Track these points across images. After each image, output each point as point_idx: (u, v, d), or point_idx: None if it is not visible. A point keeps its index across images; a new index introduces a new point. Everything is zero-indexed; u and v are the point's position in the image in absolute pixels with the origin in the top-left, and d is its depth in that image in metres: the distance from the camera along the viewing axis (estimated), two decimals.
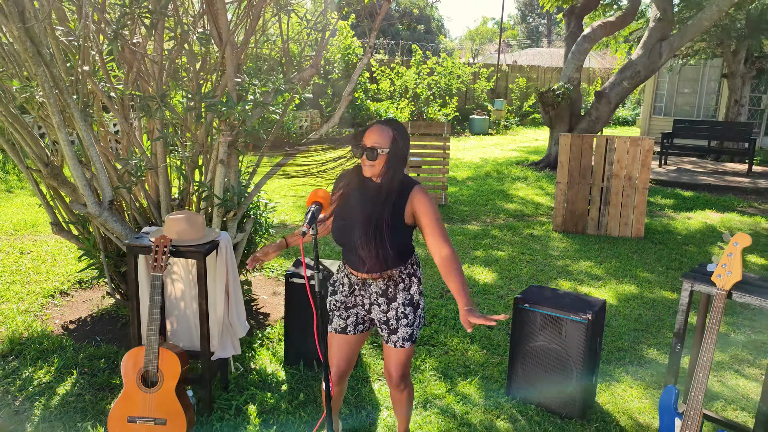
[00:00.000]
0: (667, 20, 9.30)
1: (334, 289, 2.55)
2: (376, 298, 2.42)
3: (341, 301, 2.50)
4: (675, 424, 2.45)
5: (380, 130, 2.26)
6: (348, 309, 2.50)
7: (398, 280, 2.40)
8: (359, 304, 2.48)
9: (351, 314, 2.50)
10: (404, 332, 2.41)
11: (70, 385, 3.30)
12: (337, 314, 2.52)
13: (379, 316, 2.44)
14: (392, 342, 2.43)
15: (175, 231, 2.91)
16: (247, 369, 3.52)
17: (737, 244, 2.37)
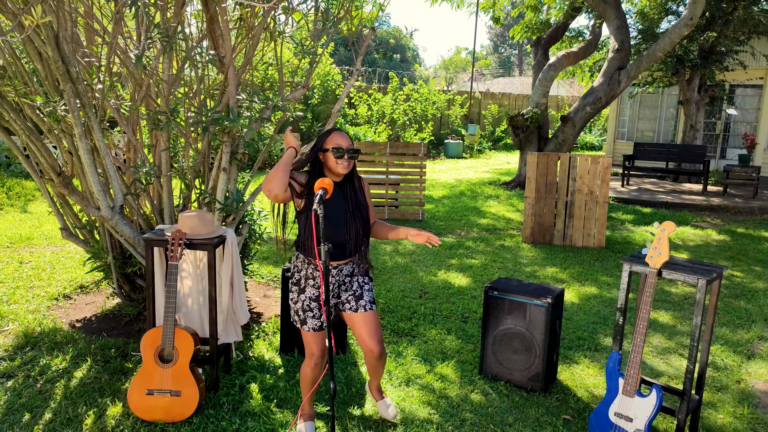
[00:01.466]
0: (624, 51, 10.07)
1: (300, 288, 2.80)
2: (343, 278, 2.83)
3: (314, 297, 2.77)
4: (618, 383, 2.91)
5: (343, 134, 2.74)
6: (320, 308, 2.78)
7: (359, 260, 2.84)
8: (331, 293, 2.79)
9: (323, 312, 2.78)
10: (368, 296, 2.86)
11: (85, 370, 3.63)
12: (311, 315, 2.78)
13: (347, 295, 2.84)
14: (362, 307, 2.83)
15: (188, 226, 3.31)
16: (246, 356, 3.89)
17: (665, 230, 2.88)
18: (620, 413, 2.87)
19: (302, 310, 2.81)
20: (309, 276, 2.80)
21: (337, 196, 2.76)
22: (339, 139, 2.69)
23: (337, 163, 2.68)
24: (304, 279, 2.81)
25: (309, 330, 2.82)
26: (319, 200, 2.32)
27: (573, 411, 3.34)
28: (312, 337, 2.84)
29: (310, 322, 2.80)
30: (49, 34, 3.16)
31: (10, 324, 4.30)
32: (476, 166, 15.47)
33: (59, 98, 3.72)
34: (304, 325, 2.82)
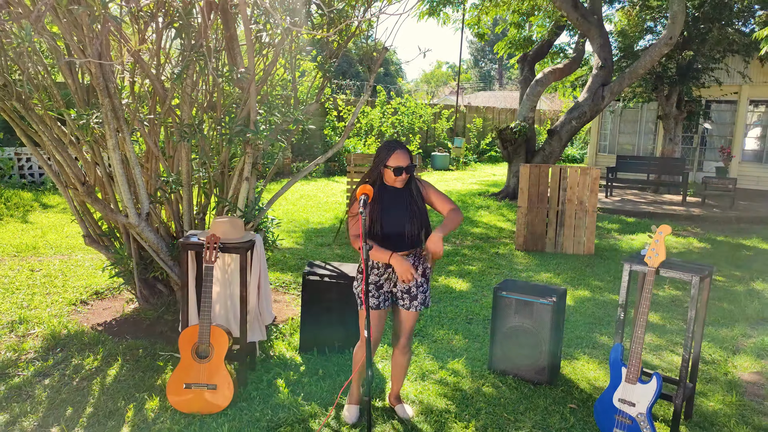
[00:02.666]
0: (607, 68, 10.54)
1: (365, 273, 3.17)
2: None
3: (374, 282, 3.12)
4: (621, 372, 3.20)
5: (403, 151, 3.04)
6: (379, 289, 3.12)
7: (419, 255, 3.14)
8: (390, 280, 3.12)
9: (381, 293, 3.13)
10: (421, 298, 3.13)
11: (117, 368, 3.82)
12: (371, 294, 3.10)
13: (403, 287, 3.11)
14: (413, 307, 3.12)
15: (221, 231, 3.54)
16: (267, 355, 4.11)
17: (662, 233, 3.20)
18: (624, 399, 3.16)
19: (364, 293, 3.09)
20: (374, 266, 3.13)
21: (396, 196, 3.07)
22: (400, 159, 2.99)
23: (395, 180, 3.02)
24: (369, 268, 3.13)
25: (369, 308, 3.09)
26: (363, 204, 2.59)
27: (577, 400, 3.62)
28: (372, 317, 3.10)
29: (371, 300, 3.10)
30: (94, 52, 3.39)
31: (36, 327, 4.46)
32: (463, 178, 15.84)
33: (92, 111, 3.94)
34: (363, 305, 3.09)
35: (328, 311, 4.14)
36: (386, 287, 3.15)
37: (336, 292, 4.11)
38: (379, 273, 3.13)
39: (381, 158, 3.04)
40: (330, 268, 4.26)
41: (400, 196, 3.08)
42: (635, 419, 3.10)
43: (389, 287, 3.16)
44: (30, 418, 3.21)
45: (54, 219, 8.64)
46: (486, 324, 4.87)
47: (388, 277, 3.13)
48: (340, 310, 4.13)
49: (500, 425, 3.30)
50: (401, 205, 3.07)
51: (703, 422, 3.38)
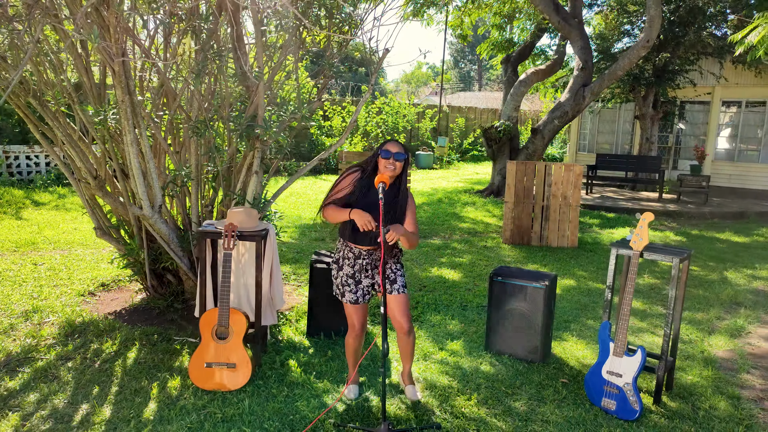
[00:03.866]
0: (588, 69, 10.93)
1: (339, 266, 3.31)
2: (374, 262, 3.30)
3: (349, 275, 3.28)
4: (609, 347, 3.51)
5: (397, 143, 3.23)
6: (357, 284, 3.29)
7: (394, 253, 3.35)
8: (365, 273, 3.28)
9: (359, 288, 3.29)
10: (400, 281, 3.33)
11: (136, 352, 4.02)
12: (348, 290, 3.29)
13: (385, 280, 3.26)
14: (395, 290, 3.29)
15: (237, 220, 3.77)
16: (277, 339, 4.35)
17: (645, 219, 3.51)
18: (612, 371, 3.47)
19: (341, 284, 3.33)
20: (345, 257, 3.32)
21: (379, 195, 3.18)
22: (389, 145, 3.20)
23: (385, 166, 3.15)
24: (342, 258, 3.34)
25: (348, 302, 3.33)
26: (382, 190, 2.85)
27: (568, 376, 3.93)
28: (352, 309, 3.33)
29: (347, 296, 3.32)
30: (118, 50, 3.60)
31: (50, 316, 4.63)
32: (448, 176, 16.18)
33: (110, 108, 4.13)
34: (343, 297, 3.33)
35: (334, 297, 4.38)
36: (365, 281, 3.31)
37: None
38: (350, 264, 3.28)
39: (376, 149, 3.24)
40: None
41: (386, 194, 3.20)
42: (622, 389, 3.41)
43: (368, 281, 3.31)
44: (59, 397, 3.40)
45: (47, 216, 8.73)
46: (479, 310, 5.16)
47: (360, 269, 3.27)
48: None
49: (499, 398, 3.58)
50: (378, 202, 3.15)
51: (682, 392, 3.71)
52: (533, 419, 3.34)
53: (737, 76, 14.06)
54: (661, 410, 3.48)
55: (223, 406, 3.35)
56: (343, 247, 3.34)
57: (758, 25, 5.68)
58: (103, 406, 3.32)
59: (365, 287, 3.34)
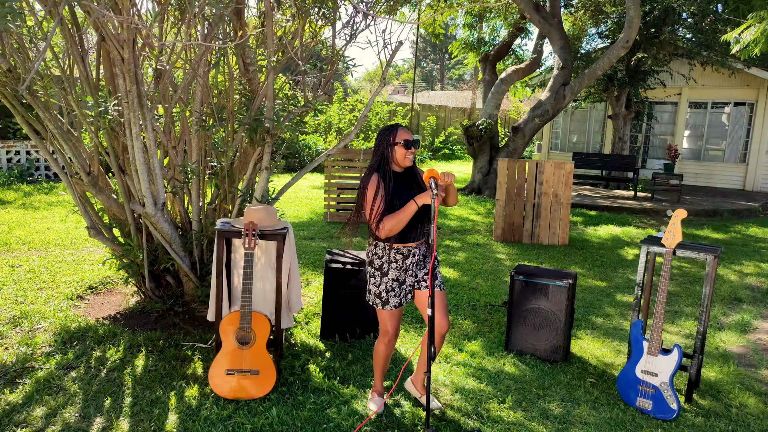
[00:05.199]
0: (567, 69, 11.03)
1: (382, 272, 3.08)
2: (420, 258, 3.15)
3: (395, 278, 3.07)
4: (643, 345, 3.47)
5: (406, 128, 3.07)
6: (401, 285, 3.10)
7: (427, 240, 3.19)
8: (409, 273, 3.11)
9: (403, 290, 3.12)
10: (440, 277, 3.20)
11: (143, 359, 3.77)
12: (393, 294, 3.08)
13: (422, 273, 3.15)
14: (437, 286, 3.15)
15: (257, 218, 3.57)
16: (290, 343, 4.15)
17: (678, 216, 3.48)
18: (647, 370, 3.42)
19: (386, 291, 3.11)
20: (392, 260, 3.10)
21: (402, 185, 3.08)
22: (403, 133, 3.03)
23: (406, 156, 3.01)
24: (387, 263, 3.10)
25: (390, 308, 3.12)
26: (435, 186, 2.71)
27: (593, 375, 3.88)
28: (390, 315, 3.14)
29: (392, 301, 3.12)
30: (129, 37, 3.34)
31: (41, 322, 4.31)
32: None
33: (113, 99, 3.86)
34: (386, 305, 3.11)
35: (349, 298, 4.22)
36: (408, 281, 3.14)
37: (357, 279, 4.20)
38: (398, 266, 3.09)
39: (385, 139, 3.02)
40: (349, 256, 4.35)
41: (407, 180, 3.09)
42: (658, 388, 3.37)
43: (411, 279, 3.15)
44: (69, 410, 3.14)
45: (15, 215, 8.24)
46: (489, 309, 5.07)
47: (406, 268, 3.11)
48: (360, 297, 4.22)
49: (531, 400, 3.50)
50: (409, 188, 3.07)
51: (710, 390, 3.70)
52: (571, 422, 3.27)
53: (704, 78, 14.49)
54: (695, 408, 3.46)
55: (251, 416, 3.15)
56: (387, 251, 3.09)
57: (751, 24, 5.81)
58: (119, 419, 3.07)
59: (407, 287, 3.17)
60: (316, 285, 5.50)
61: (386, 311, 3.15)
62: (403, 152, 3.01)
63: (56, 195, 9.93)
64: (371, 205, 2.99)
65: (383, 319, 3.18)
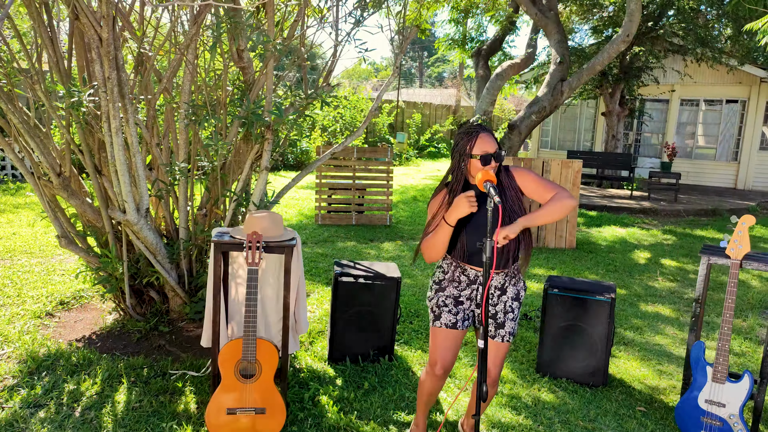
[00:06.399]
0: (565, 63, 10.64)
1: (440, 287, 2.61)
2: (493, 291, 2.58)
3: (452, 296, 2.58)
4: (707, 371, 3.04)
5: (490, 135, 2.45)
6: (458, 305, 2.58)
7: (512, 273, 2.60)
8: (471, 299, 2.60)
9: (460, 310, 2.58)
10: (510, 326, 2.59)
11: (125, 393, 3.21)
12: (447, 310, 2.57)
13: (488, 311, 2.58)
14: (499, 336, 2.58)
15: (260, 228, 3.04)
16: (295, 368, 3.63)
17: (745, 224, 3.05)
18: (712, 400, 2.99)
19: (437, 305, 2.60)
20: (454, 278, 2.59)
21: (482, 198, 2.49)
22: (486, 144, 2.41)
23: (487, 173, 2.37)
24: (448, 281, 2.60)
25: (441, 326, 2.57)
26: (496, 192, 2.21)
27: (641, 402, 3.44)
28: (442, 336, 2.57)
29: (444, 317, 2.57)
30: (108, 11, 2.79)
31: (4, 347, 3.72)
32: (410, 173, 15.66)
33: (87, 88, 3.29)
34: (437, 320, 2.59)
35: (362, 316, 3.72)
36: (467, 305, 2.63)
37: (371, 295, 3.71)
38: (460, 287, 2.59)
39: (461, 147, 2.43)
40: (361, 267, 3.84)
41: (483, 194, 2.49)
42: (726, 421, 2.94)
43: (470, 306, 2.63)
44: None
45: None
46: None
47: (470, 296, 2.61)
48: (374, 314, 3.73)
49: None
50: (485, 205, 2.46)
51: None
52: None
53: (696, 75, 14.26)
54: None
55: None
56: (454, 268, 2.59)
57: None
58: None
59: (466, 310, 2.62)
60: (316, 297, 4.98)
61: (436, 329, 2.60)
62: (480, 168, 2.41)
63: (23, 196, 9.21)
64: (428, 225, 2.53)
65: (434, 345, 2.62)
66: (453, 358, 2.62)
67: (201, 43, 3.99)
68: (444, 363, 2.60)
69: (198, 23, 3.35)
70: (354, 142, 16.53)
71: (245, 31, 3.80)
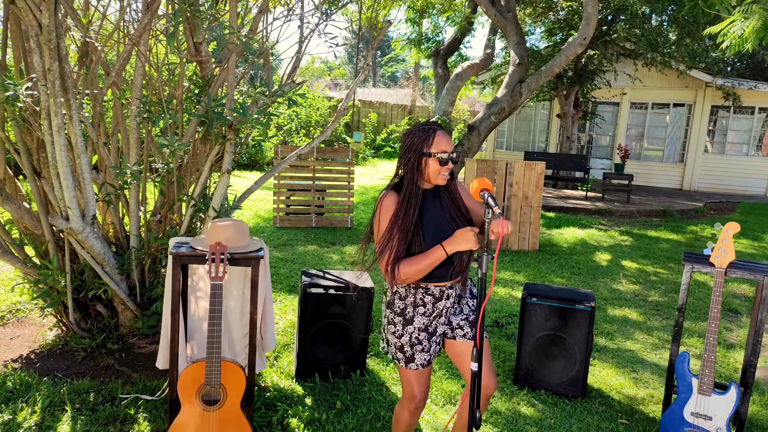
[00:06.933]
0: (524, 65, 10.66)
1: (405, 318, 2.35)
2: (456, 300, 2.43)
3: (423, 327, 2.35)
4: (692, 383, 2.95)
5: (446, 135, 2.28)
6: (430, 337, 2.37)
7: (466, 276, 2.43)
8: (441, 320, 2.40)
9: (432, 342, 2.38)
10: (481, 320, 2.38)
11: (68, 423, 2.87)
12: (420, 349, 2.34)
13: (458, 319, 2.42)
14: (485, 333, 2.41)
15: (224, 238, 2.77)
16: (260, 387, 3.37)
17: (729, 231, 2.98)
18: (698, 412, 2.91)
19: (410, 344, 2.35)
20: (418, 303, 2.35)
21: (432, 206, 2.34)
22: (444, 143, 2.24)
23: (440, 173, 2.26)
24: (412, 307, 2.35)
25: (417, 367, 2.36)
26: (494, 202, 2.02)
27: (622, 414, 3.34)
28: (417, 376, 2.37)
29: (418, 357, 2.35)
30: None
31: None
32: (368, 173, 15.45)
33: (25, 80, 2.92)
34: (411, 363, 2.35)
35: (333, 329, 3.49)
36: (440, 329, 2.42)
37: (342, 307, 3.48)
38: (426, 312, 2.35)
39: (417, 146, 2.24)
40: (330, 277, 3.61)
41: (441, 200, 2.35)
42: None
43: (443, 328, 2.43)
44: None
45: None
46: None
47: (439, 314, 2.39)
48: (346, 327, 3.50)
49: None
50: (440, 213, 2.34)
51: (754, 429, 3.25)
52: None
53: (646, 79, 14.63)
54: None
55: None
56: (412, 290, 2.34)
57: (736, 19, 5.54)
58: None
59: (438, 338, 2.42)
60: (279, 306, 4.71)
61: (411, 371, 2.37)
62: (437, 168, 2.25)
63: None
64: (384, 236, 2.25)
65: (407, 380, 2.39)
66: (428, 387, 2.44)
67: (154, 33, 3.66)
68: (423, 395, 2.40)
69: (152, 11, 3.04)
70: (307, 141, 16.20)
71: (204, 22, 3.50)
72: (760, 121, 14.33)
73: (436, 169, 2.25)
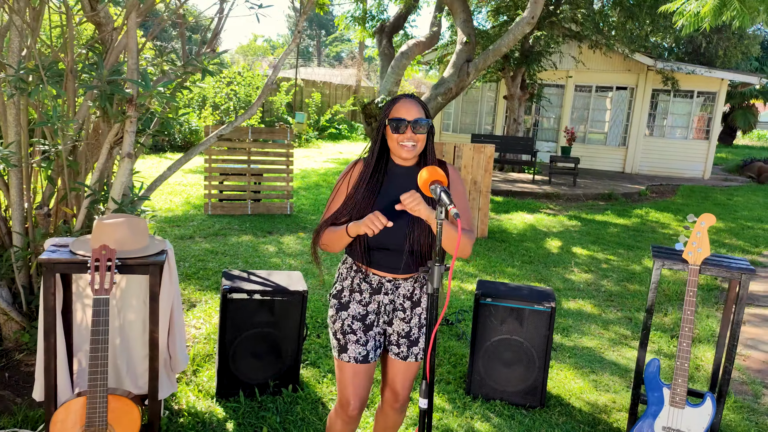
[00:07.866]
0: (471, 44, 10.30)
1: (341, 302, 2.09)
2: (403, 301, 2.08)
3: (358, 316, 2.07)
4: (663, 393, 2.64)
5: (412, 102, 1.98)
6: (367, 331, 2.07)
7: (423, 280, 2.10)
8: (381, 315, 2.09)
9: (370, 337, 2.08)
10: (423, 343, 2.11)
11: None
12: (354, 339, 2.06)
13: (401, 327, 2.09)
14: (413, 355, 2.10)
15: (114, 239, 2.22)
16: (172, 411, 2.85)
17: (704, 223, 2.67)
18: (670, 427, 2.60)
19: (342, 332, 2.06)
20: (355, 288, 2.07)
21: (402, 184, 2.05)
22: (402, 110, 1.94)
23: (400, 144, 1.96)
24: (348, 291, 2.08)
25: (349, 360, 2.04)
26: (449, 198, 1.58)
27: (584, 425, 3.02)
28: (351, 372, 2.04)
29: (352, 348, 2.04)
30: None
31: None
32: (311, 155, 14.84)
33: None
34: (344, 353, 2.05)
35: (259, 340, 3.00)
36: (379, 327, 2.10)
37: (270, 314, 2.99)
38: (363, 300, 2.07)
39: (383, 115, 2.02)
40: (256, 279, 3.10)
41: (404, 182, 2.05)
42: None
43: (381, 326, 2.10)
44: None
45: None
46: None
47: (377, 310, 2.07)
48: (274, 337, 3.02)
49: None
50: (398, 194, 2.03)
51: None
52: None
53: (590, 62, 14.59)
54: None
55: None
56: (353, 272, 2.09)
57: None
58: None
59: (377, 336, 2.09)
60: (203, 308, 4.17)
61: (343, 363, 2.05)
62: (395, 138, 1.98)
63: None
64: (329, 200, 2.08)
65: (341, 382, 2.07)
66: (367, 393, 2.10)
67: None
68: (357, 402, 2.06)
69: None
70: (249, 122, 15.42)
71: None
72: (698, 105, 14.58)
73: (393, 138, 1.99)
